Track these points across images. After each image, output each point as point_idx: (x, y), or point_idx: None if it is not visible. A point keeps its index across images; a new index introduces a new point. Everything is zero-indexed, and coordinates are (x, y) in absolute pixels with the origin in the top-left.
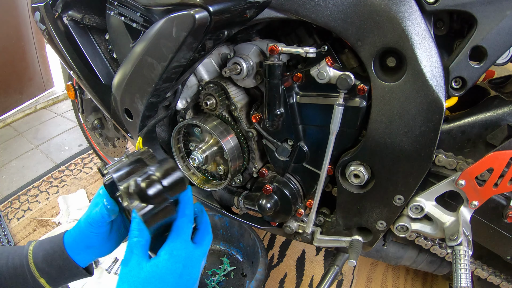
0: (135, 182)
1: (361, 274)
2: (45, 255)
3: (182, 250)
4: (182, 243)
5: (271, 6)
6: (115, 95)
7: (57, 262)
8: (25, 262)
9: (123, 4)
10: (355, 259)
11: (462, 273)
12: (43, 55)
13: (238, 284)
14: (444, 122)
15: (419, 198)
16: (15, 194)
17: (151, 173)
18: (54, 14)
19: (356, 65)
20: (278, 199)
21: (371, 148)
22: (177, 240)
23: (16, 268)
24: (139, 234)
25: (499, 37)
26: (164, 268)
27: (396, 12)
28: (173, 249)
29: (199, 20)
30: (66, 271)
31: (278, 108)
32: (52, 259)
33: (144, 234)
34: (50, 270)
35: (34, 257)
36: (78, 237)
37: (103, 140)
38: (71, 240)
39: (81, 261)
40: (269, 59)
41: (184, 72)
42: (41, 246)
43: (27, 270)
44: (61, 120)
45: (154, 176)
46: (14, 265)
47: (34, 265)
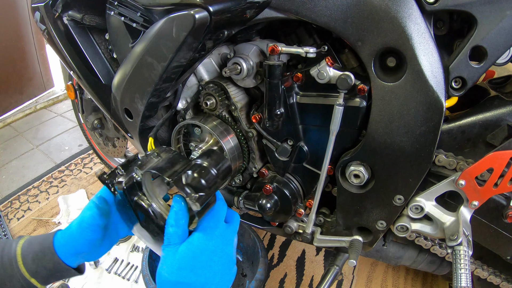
0: (188, 174)
1: (361, 274)
2: (35, 258)
3: (215, 229)
4: (216, 223)
5: (271, 6)
6: (115, 95)
7: (48, 264)
8: (14, 263)
9: (123, 4)
10: (355, 259)
11: (462, 273)
12: (43, 55)
13: (238, 284)
14: (444, 122)
15: (419, 198)
16: (15, 194)
17: (199, 162)
18: (54, 14)
19: (356, 65)
20: (278, 199)
21: (371, 148)
22: (211, 221)
23: (6, 268)
24: (175, 223)
25: (499, 37)
26: (198, 246)
27: (396, 12)
28: (207, 228)
29: (199, 20)
30: (56, 272)
31: (278, 108)
32: (42, 261)
33: (180, 225)
34: (41, 271)
35: (23, 259)
36: (68, 241)
37: (103, 140)
38: (62, 243)
39: (72, 262)
40: (269, 59)
41: (184, 72)
42: (30, 247)
43: (16, 271)
44: (61, 120)
45: (205, 165)
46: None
47: (24, 266)
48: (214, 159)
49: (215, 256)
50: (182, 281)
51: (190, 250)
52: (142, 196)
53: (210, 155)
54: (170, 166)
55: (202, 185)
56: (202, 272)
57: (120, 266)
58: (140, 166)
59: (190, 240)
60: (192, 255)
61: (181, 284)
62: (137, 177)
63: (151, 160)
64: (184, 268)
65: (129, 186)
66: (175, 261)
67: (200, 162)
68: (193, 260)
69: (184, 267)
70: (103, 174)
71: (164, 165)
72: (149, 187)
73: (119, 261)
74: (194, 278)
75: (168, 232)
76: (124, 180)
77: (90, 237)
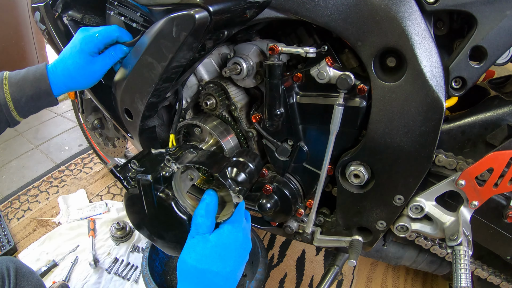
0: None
1: (361, 274)
2: (23, 78)
3: (240, 224)
4: (240, 217)
5: (271, 6)
6: (115, 95)
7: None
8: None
9: (123, 4)
10: (355, 259)
11: (462, 273)
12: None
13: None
14: (444, 122)
15: (419, 198)
16: (15, 194)
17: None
18: (54, 14)
19: (356, 65)
20: (278, 199)
21: (371, 148)
22: (237, 215)
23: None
24: (205, 214)
25: (499, 37)
26: (228, 238)
27: (396, 12)
28: (235, 221)
29: (199, 20)
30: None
31: (278, 108)
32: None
33: (210, 216)
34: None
35: (10, 79)
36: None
37: (103, 140)
38: (56, 73)
39: (57, 89)
40: (269, 59)
41: (184, 72)
42: (19, 72)
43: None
44: (61, 120)
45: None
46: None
47: (8, 83)
48: (250, 155)
49: (241, 248)
50: (210, 269)
51: (221, 241)
52: (166, 190)
53: (245, 153)
54: (212, 161)
55: (243, 179)
56: (229, 262)
57: (120, 266)
58: (177, 160)
59: (221, 231)
60: (223, 245)
61: (209, 272)
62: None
63: (187, 155)
64: (214, 257)
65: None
66: (206, 249)
67: (242, 160)
68: (223, 250)
69: (214, 256)
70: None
71: (206, 160)
72: (178, 183)
73: (119, 261)
74: (222, 267)
75: (197, 222)
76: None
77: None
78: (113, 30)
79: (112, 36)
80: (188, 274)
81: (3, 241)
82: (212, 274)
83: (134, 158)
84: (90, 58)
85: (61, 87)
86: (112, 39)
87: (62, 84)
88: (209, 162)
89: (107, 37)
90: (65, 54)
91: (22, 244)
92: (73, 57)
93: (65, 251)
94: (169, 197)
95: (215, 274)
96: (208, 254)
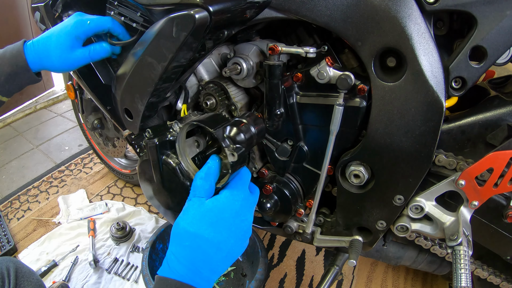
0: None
1: (361, 274)
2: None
3: (241, 192)
4: (242, 187)
5: (271, 6)
6: (115, 95)
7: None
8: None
9: (123, 4)
10: (355, 259)
11: (462, 273)
12: None
13: (238, 284)
14: (444, 122)
15: (419, 198)
16: (15, 194)
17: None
18: (54, 14)
19: (356, 65)
20: (278, 199)
21: (371, 148)
22: (239, 183)
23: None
24: (205, 177)
25: (499, 37)
26: (224, 204)
27: (396, 12)
28: (234, 189)
29: (199, 20)
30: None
31: (278, 108)
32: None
33: (209, 180)
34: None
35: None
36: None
37: (103, 140)
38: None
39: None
40: (269, 59)
41: (184, 72)
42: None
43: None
44: (61, 120)
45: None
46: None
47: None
48: (253, 119)
49: (237, 218)
50: (200, 233)
51: (215, 206)
52: (172, 154)
53: (250, 115)
54: (212, 120)
55: (241, 139)
56: (222, 230)
57: (120, 266)
58: (180, 120)
59: (218, 197)
60: (217, 210)
61: (198, 237)
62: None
63: (190, 117)
64: (206, 222)
65: (161, 143)
66: (199, 213)
67: (241, 120)
68: (216, 215)
69: (206, 220)
70: (131, 134)
71: (206, 119)
72: (182, 145)
73: (119, 261)
74: (213, 234)
75: (196, 184)
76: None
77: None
78: (105, 21)
79: (103, 26)
80: (178, 236)
81: (3, 241)
82: (202, 240)
83: (150, 127)
84: (74, 43)
85: (36, 64)
86: (103, 29)
87: (37, 61)
88: (208, 121)
89: (98, 26)
90: (53, 33)
91: (22, 244)
92: (59, 36)
93: (65, 251)
94: (173, 161)
95: (205, 240)
96: (200, 218)
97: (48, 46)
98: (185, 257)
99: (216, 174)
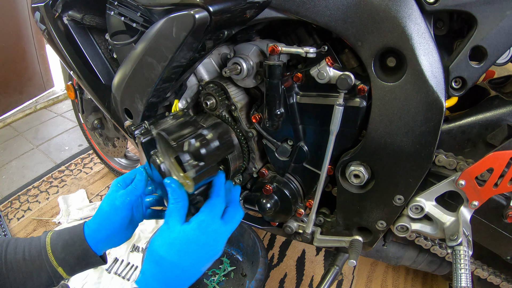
0: (190, 142)
1: (361, 274)
2: (64, 245)
3: (210, 225)
4: (212, 219)
5: (271, 6)
6: (115, 95)
7: (76, 251)
8: (43, 252)
9: (123, 4)
10: (355, 259)
11: (462, 273)
12: (43, 55)
13: (238, 284)
14: (444, 122)
15: (419, 198)
16: (15, 194)
17: (205, 133)
18: (54, 14)
19: (356, 65)
20: (278, 199)
21: (371, 148)
22: (208, 215)
23: (34, 261)
24: (175, 201)
25: (499, 37)
26: (190, 236)
27: (396, 12)
28: (202, 221)
29: (199, 20)
30: (83, 259)
31: (278, 108)
32: (72, 248)
33: (180, 200)
34: (69, 259)
35: (53, 247)
36: (100, 225)
37: (103, 140)
38: (92, 229)
39: (98, 250)
40: (269, 59)
41: (184, 72)
42: (59, 236)
43: (45, 260)
44: (61, 120)
45: (208, 137)
46: (31, 258)
47: (53, 254)
48: (219, 132)
49: (203, 249)
50: (168, 258)
51: (182, 237)
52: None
53: (216, 127)
54: (179, 130)
55: (201, 155)
56: (187, 258)
57: (120, 266)
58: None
59: (186, 227)
60: (184, 241)
61: (165, 260)
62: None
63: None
64: (174, 249)
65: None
66: (169, 239)
67: (205, 133)
68: (183, 244)
69: (174, 247)
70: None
71: (174, 129)
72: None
73: (119, 261)
74: (178, 261)
75: (168, 208)
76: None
77: (122, 214)
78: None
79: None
80: (151, 255)
81: None
82: (169, 264)
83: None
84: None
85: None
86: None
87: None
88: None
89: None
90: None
91: None
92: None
93: None
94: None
95: (172, 264)
96: (170, 244)
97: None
98: (155, 275)
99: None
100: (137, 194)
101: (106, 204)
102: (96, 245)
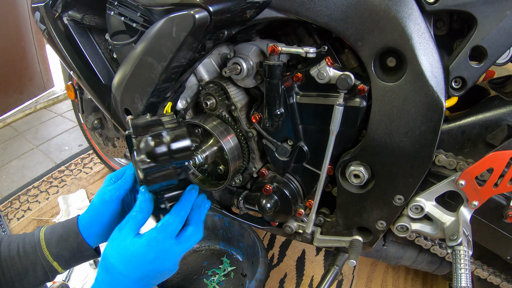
0: (146, 140)
1: (361, 274)
2: (59, 240)
3: (160, 244)
4: (163, 237)
5: (271, 6)
6: (115, 95)
7: (71, 245)
8: (37, 247)
9: (123, 4)
10: (355, 259)
11: (462, 273)
12: (43, 55)
13: (238, 284)
14: (444, 122)
15: (419, 198)
16: (15, 194)
17: (163, 134)
18: (54, 14)
19: (356, 65)
20: (278, 199)
21: (371, 148)
22: (161, 234)
23: (29, 256)
24: (139, 210)
25: (499, 37)
26: (139, 250)
27: (396, 12)
28: (153, 239)
29: (199, 20)
30: (78, 253)
31: (278, 108)
32: (67, 242)
33: (143, 212)
34: (64, 253)
35: (47, 242)
36: (92, 219)
37: (103, 140)
38: (85, 223)
39: (91, 244)
40: (269, 59)
41: (184, 72)
42: (53, 231)
43: (40, 255)
44: (61, 120)
45: (164, 138)
46: (26, 254)
47: (47, 249)
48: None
49: (151, 265)
50: (117, 267)
51: (131, 249)
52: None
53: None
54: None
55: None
56: (135, 271)
57: None
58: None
59: (136, 241)
60: (132, 254)
61: (115, 269)
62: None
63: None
64: (122, 259)
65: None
66: (120, 247)
67: (163, 134)
68: (131, 257)
69: (122, 257)
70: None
71: (143, 125)
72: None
73: None
74: (127, 272)
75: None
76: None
77: (111, 208)
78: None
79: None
80: (102, 262)
81: None
82: (119, 273)
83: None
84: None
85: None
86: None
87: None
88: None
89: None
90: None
91: None
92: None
93: None
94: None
95: (121, 274)
96: (120, 253)
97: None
98: (107, 284)
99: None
100: (126, 188)
101: (96, 199)
102: (89, 239)
